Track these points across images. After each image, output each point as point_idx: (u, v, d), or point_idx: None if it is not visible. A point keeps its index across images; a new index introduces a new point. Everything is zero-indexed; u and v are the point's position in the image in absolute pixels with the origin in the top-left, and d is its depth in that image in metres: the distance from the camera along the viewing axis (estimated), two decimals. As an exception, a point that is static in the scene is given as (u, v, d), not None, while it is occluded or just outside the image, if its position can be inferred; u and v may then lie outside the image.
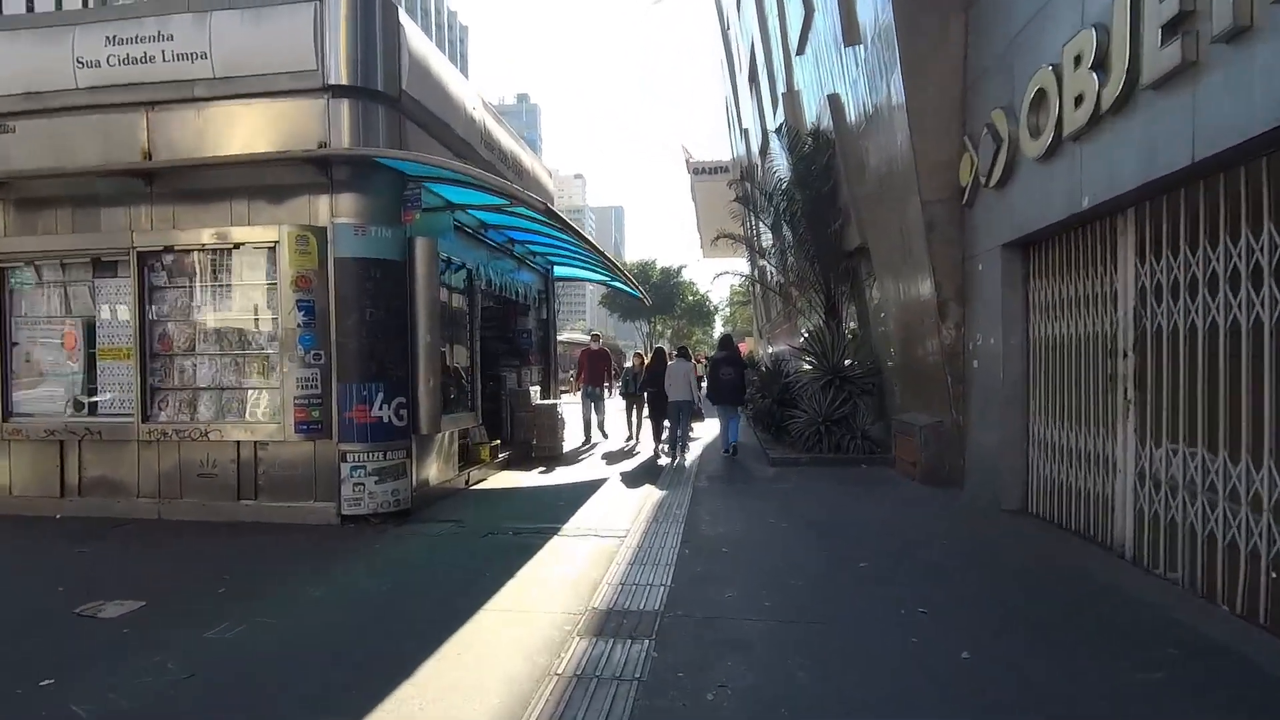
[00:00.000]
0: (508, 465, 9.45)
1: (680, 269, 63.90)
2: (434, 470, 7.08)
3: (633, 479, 8.92)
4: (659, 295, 61.51)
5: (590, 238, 10.41)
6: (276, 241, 5.83)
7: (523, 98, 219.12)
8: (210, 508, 6.14)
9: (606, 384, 11.23)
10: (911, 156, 7.59)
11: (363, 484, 5.95)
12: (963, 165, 7.28)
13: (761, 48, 19.30)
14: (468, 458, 8.29)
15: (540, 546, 5.47)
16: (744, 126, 28.26)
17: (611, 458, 10.90)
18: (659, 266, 63.78)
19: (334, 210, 5.98)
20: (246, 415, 6.18)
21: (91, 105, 6.22)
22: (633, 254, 66.33)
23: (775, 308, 25.81)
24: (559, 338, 40.47)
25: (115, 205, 6.29)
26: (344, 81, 5.88)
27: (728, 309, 79.00)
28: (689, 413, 10.62)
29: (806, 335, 12.26)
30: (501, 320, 11.21)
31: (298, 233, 5.79)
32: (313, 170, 5.91)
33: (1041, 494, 6.31)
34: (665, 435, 10.98)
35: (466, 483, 7.92)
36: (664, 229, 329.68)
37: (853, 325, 12.32)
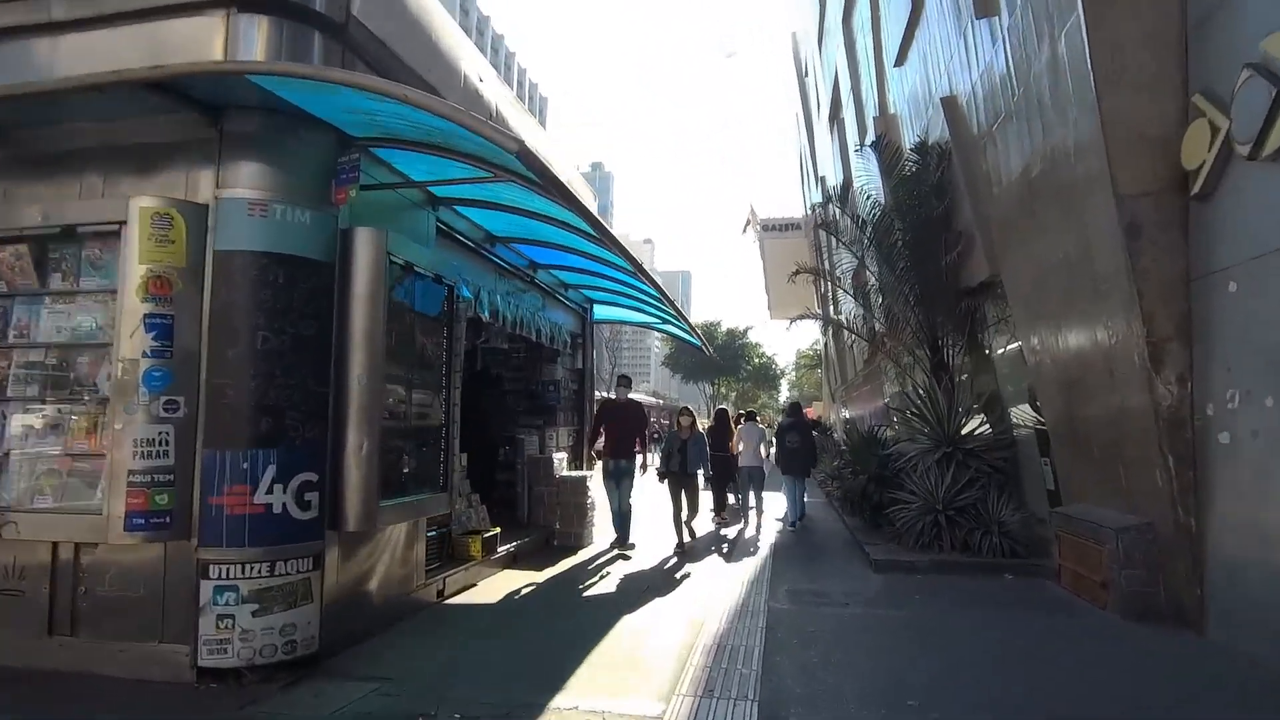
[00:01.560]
0: (515, 560, 7.08)
1: (746, 330, 61.46)
2: (376, 582, 4.78)
3: (679, 589, 6.38)
4: (724, 356, 59.03)
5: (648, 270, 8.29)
6: (123, 222, 3.81)
7: (596, 165, 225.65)
8: (7, 646, 3.99)
9: (639, 451, 7.99)
10: (1099, 135, 5.14)
11: (232, 615, 3.69)
12: (1190, 138, 4.79)
13: (848, 74, 17.24)
14: (447, 554, 6.00)
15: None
16: (820, 174, 26.14)
17: (651, 556, 8.38)
18: (724, 328, 61.45)
19: (221, 180, 3.95)
20: (64, 499, 4.06)
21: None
22: (698, 317, 64.39)
23: (853, 367, 22.95)
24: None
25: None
26: (256, -11, 3.97)
27: (794, 372, 76.01)
28: (760, 480, 10.15)
29: (909, 395, 9.58)
30: (520, 368, 9.08)
31: (156, 209, 3.75)
32: (196, 121, 3.93)
33: None
34: (727, 505, 10.74)
35: (440, 593, 5.60)
36: (730, 294, 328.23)
37: (962, 378, 9.58)
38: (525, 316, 7.72)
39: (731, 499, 10.99)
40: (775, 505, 11.80)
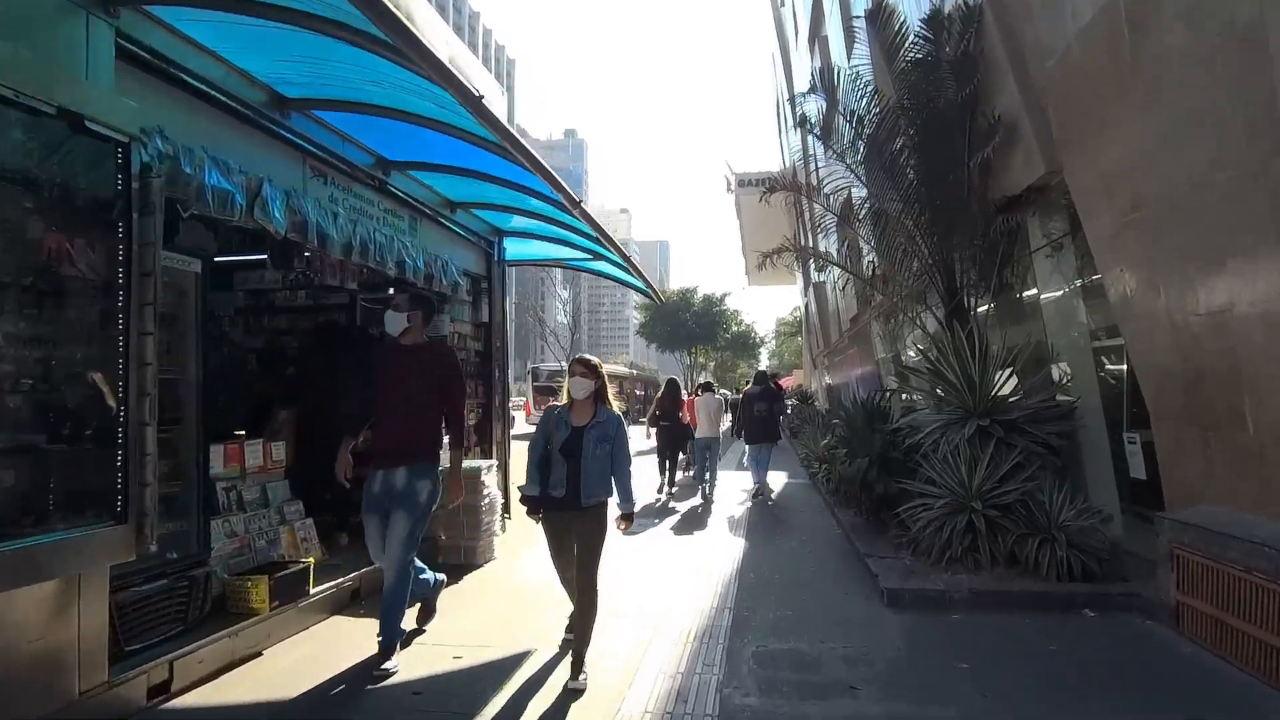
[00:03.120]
0: (358, 598, 4.71)
1: (724, 296, 58.87)
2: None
3: (595, 652, 4.04)
4: (701, 324, 56.75)
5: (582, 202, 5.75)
6: None
7: (570, 133, 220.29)
8: None
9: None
10: None
11: None
12: None
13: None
14: (199, 611, 3.61)
15: None
16: (802, 96, 23.47)
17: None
18: (701, 294, 58.98)
19: None
20: None
21: None
22: (676, 286, 61.53)
23: (838, 327, 20.71)
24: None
25: None
26: None
27: (774, 341, 73.95)
28: (715, 452, 10.13)
29: (922, 349, 7.24)
30: (370, 315, 6.63)
31: None
32: None
33: None
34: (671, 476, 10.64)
35: (162, 687, 3.22)
36: (709, 264, 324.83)
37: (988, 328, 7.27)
38: (378, 242, 5.21)
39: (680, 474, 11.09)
40: (737, 482, 10.81)
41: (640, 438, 16.10)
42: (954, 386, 6.14)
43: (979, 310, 7.40)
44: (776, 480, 11.50)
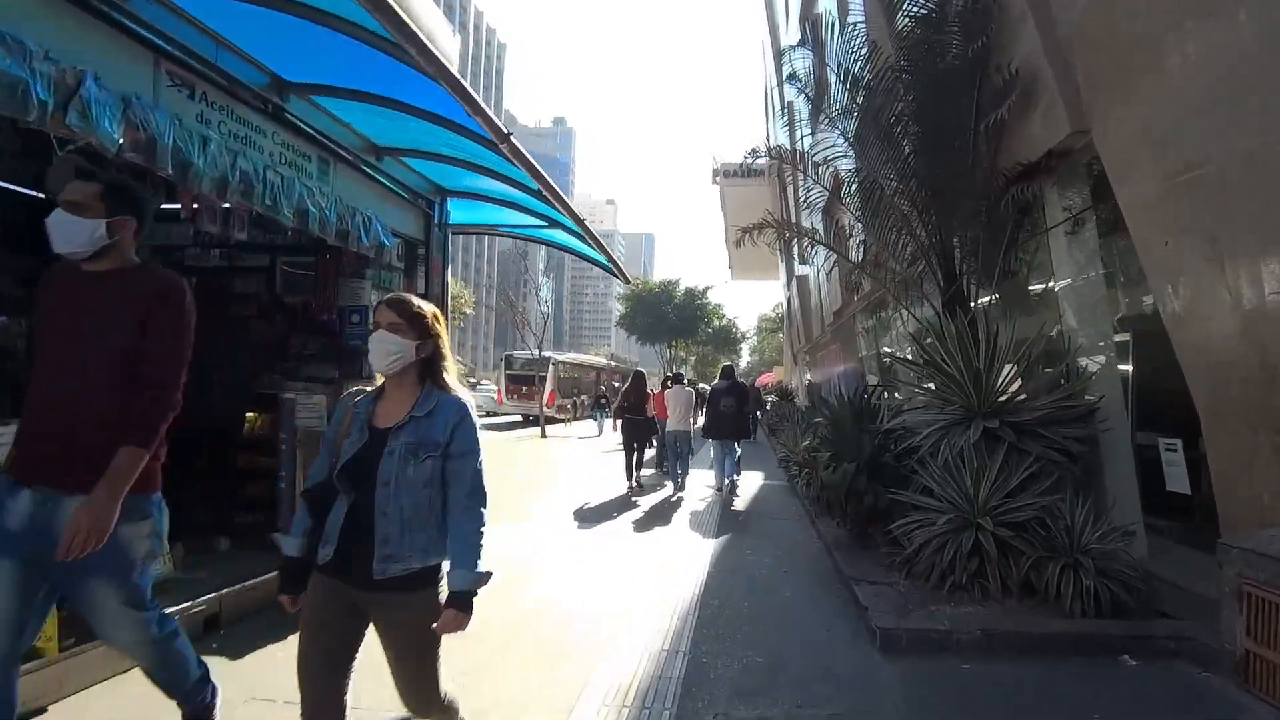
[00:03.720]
0: (214, 628, 3.73)
1: (706, 290, 57.92)
2: None
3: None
4: (682, 317, 55.86)
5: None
6: None
7: (559, 121, 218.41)
8: None
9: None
10: None
11: None
12: None
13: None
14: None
15: None
16: (791, 50, 22.59)
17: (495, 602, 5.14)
18: (683, 286, 58.04)
19: None
20: None
21: None
22: (660, 279, 60.32)
23: (820, 321, 19.92)
24: (561, 358, 34.98)
25: None
26: None
27: (755, 337, 73.28)
28: (687, 445, 9.72)
29: (919, 339, 6.37)
30: (294, 285, 5.65)
31: None
32: None
33: None
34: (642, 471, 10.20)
35: None
36: (693, 258, 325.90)
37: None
38: (270, 183, 4.20)
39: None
40: (707, 479, 10.17)
41: (610, 432, 15.06)
42: (955, 382, 5.28)
43: (981, 299, 6.58)
44: (752, 482, 10.66)
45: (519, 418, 28.59)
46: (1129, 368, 5.22)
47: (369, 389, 2.11)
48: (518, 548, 5.90)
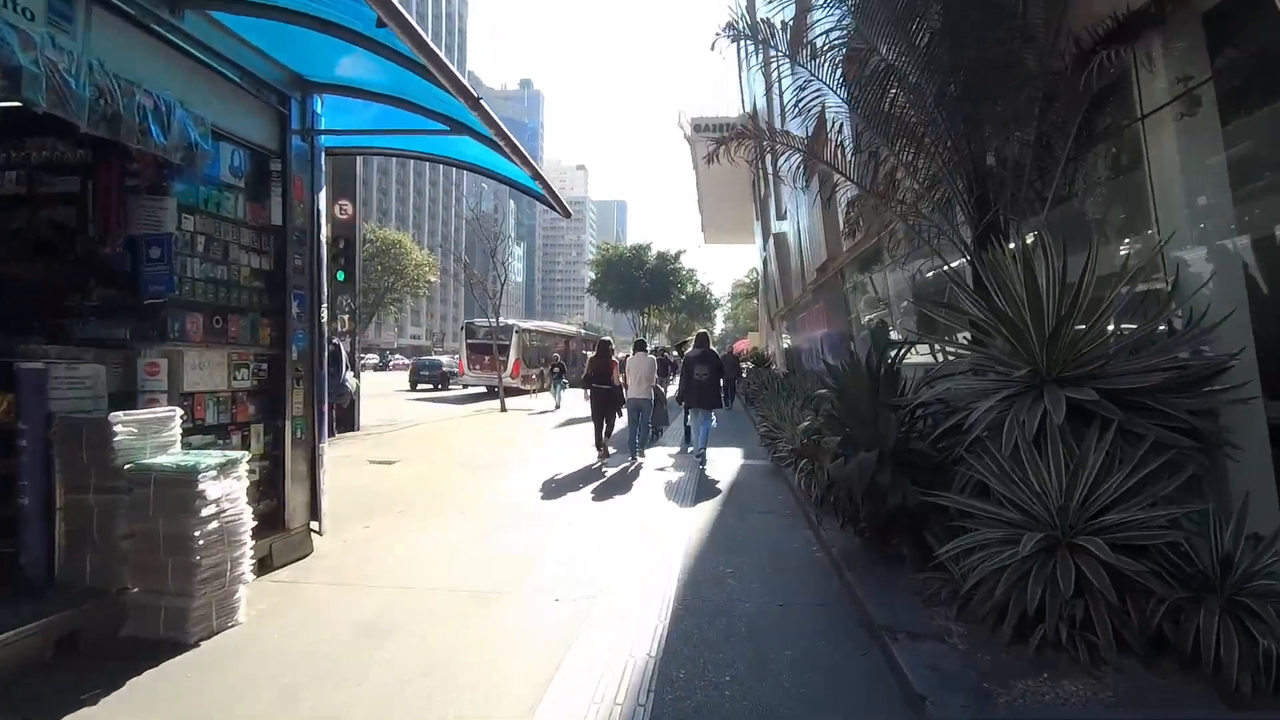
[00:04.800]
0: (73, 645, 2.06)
1: (679, 254, 56.04)
2: None
3: None
4: (655, 282, 54.05)
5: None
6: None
7: (525, 83, 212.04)
8: None
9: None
10: None
11: None
12: None
13: None
14: None
15: None
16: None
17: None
18: (655, 250, 56.07)
19: None
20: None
21: None
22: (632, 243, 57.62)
23: (801, 280, 18.33)
24: (526, 325, 33.17)
25: None
26: None
27: (730, 304, 71.75)
28: (647, 414, 9.59)
29: (953, 276, 4.75)
30: (48, 201, 3.89)
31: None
32: None
33: None
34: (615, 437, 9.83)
35: None
36: (666, 224, 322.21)
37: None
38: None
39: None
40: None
41: (568, 405, 14.28)
42: (1018, 335, 3.70)
43: (1027, 233, 5.00)
44: (730, 462, 9.13)
45: (482, 389, 26.82)
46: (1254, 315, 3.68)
47: None
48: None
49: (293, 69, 4.74)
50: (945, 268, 5.15)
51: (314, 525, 4.91)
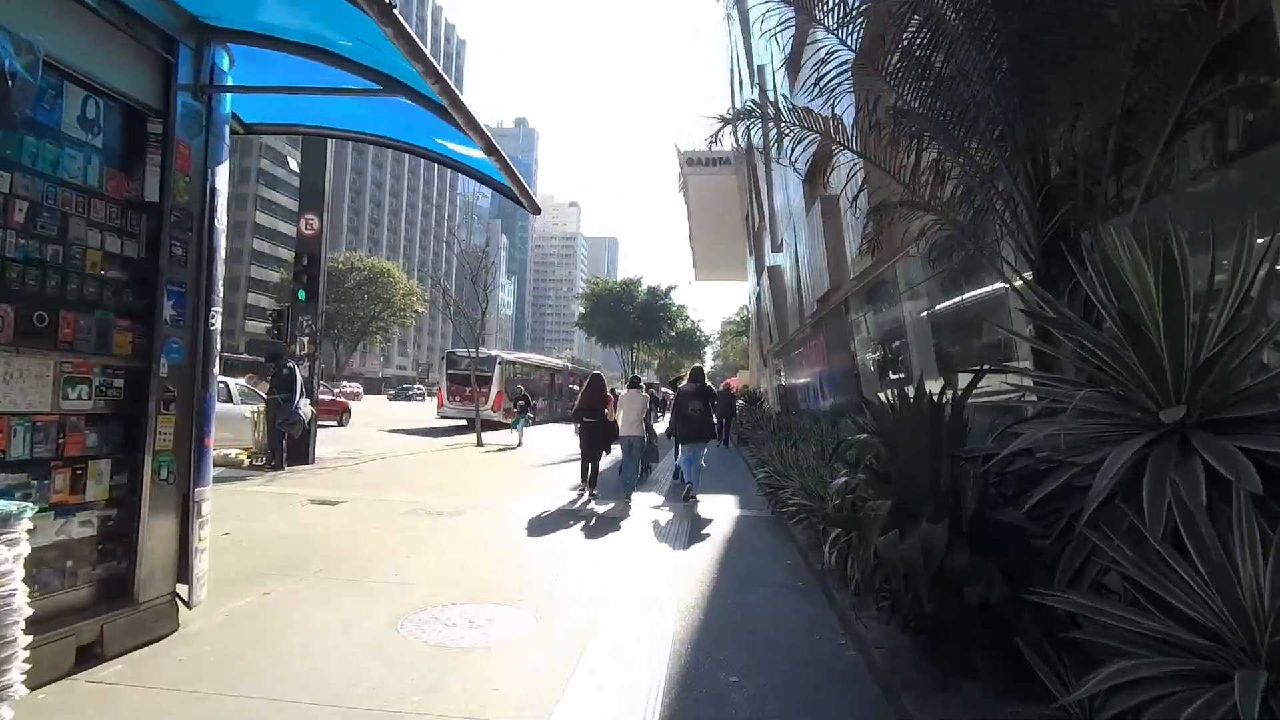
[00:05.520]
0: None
1: (669, 290, 55.35)
2: None
3: None
4: (645, 318, 53.20)
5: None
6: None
7: (520, 121, 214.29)
8: None
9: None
10: None
11: None
12: None
13: None
14: None
15: None
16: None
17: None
18: (645, 285, 55.35)
19: None
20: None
21: None
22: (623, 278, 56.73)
23: (799, 314, 17.37)
24: (510, 356, 31.99)
25: None
26: None
27: (719, 341, 70.88)
28: (641, 450, 9.63)
29: (1027, 285, 3.70)
30: None
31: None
32: None
33: None
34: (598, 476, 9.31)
35: None
36: (657, 262, 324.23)
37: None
38: None
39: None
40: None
41: (570, 435, 13.33)
42: (1150, 355, 2.63)
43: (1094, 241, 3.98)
44: (725, 511, 7.97)
45: (463, 422, 25.44)
46: None
47: None
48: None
49: (187, 8, 3.70)
50: (1011, 284, 4.09)
51: (182, 592, 3.69)
